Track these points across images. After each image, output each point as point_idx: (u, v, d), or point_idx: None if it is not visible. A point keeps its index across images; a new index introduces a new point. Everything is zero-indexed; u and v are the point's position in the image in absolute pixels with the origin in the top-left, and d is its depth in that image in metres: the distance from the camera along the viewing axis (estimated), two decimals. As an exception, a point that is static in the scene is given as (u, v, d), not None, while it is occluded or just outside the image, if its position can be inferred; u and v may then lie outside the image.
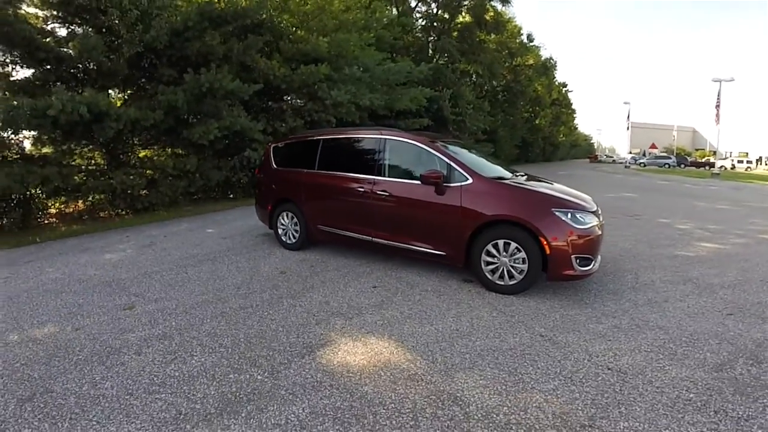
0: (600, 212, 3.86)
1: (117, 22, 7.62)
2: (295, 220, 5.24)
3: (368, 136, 4.57)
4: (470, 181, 3.77)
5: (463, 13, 21.32)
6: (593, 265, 3.48)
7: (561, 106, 42.28)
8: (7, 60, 7.33)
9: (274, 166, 5.60)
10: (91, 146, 10.56)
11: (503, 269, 3.60)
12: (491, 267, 3.65)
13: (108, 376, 2.50)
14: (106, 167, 10.32)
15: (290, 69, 11.74)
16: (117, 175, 9.15)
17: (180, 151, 10.98)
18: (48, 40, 7.42)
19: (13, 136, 7.61)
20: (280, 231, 5.50)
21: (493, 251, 3.61)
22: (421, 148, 4.13)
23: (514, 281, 3.59)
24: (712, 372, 2.34)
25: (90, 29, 7.70)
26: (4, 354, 2.84)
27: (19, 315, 3.55)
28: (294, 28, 12.37)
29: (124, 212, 9.83)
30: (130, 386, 2.38)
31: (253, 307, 3.49)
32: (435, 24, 20.76)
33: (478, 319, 3.14)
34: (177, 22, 8.02)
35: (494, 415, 1.97)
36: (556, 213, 3.42)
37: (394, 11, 18.93)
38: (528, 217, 3.44)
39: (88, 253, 5.93)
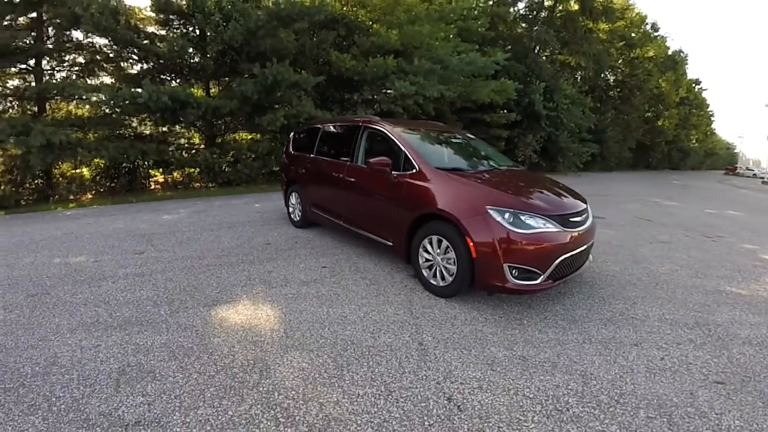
0: (586, 222, 3.40)
1: (203, 25, 9.37)
2: (300, 200, 5.90)
3: (351, 124, 4.90)
4: (415, 170, 3.66)
5: (572, 2, 19.42)
6: (539, 281, 2.98)
7: (691, 106, 34.91)
8: (121, 56, 9.71)
9: (291, 151, 6.35)
10: (192, 129, 13.16)
11: (437, 268, 3.42)
12: (428, 264, 3.50)
13: (85, 291, 3.48)
14: (202, 146, 12.75)
15: (360, 62, 12.54)
16: (202, 153, 11.25)
17: (257, 136, 12.83)
18: (146, 42, 9.57)
19: (126, 117, 10.01)
20: (290, 209, 6.23)
21: (429, 248, 3.46)
22: (387, 135, 4.18)
23: (445, 283, 3.35)
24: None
25: (180, 31, 9.65)
26: (38, 269, 4.10)
27: (73, 248, 4.95)
28: (371, 22, 13.14)
29: (211, 185, 11.99)
30: (89, 299, 3.29)
31: (216, 266, 4.22)
32: (535, 13, 19.41)
33: (379, 313, 3.06)
34: (251, 22, 9.43)
35: (275, 395, 2.18)
36: (491, 211, 3.03)
37: (489, 1, 18.33)
38: (456, 213, 3.17)
39: (155, 213, 7.59)
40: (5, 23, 8.28)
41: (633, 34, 24.01)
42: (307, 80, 10.62)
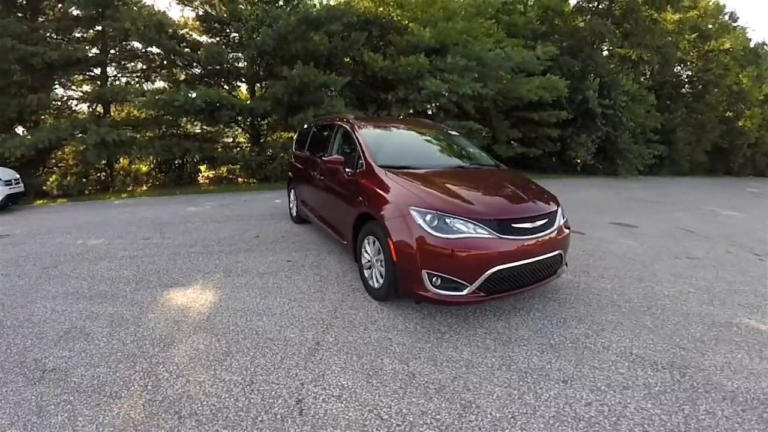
0: (545, 229, 3.06)
1: (239, 32, 10.35)
2: (295, 197, 6.37)
3: (329, 123, 5.18)
4: (363, 168, 3.69)
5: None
6: (464, 292, 2.75)
7: (778, 105, 29.59)
8: (171, 63, 11.08)
9: (293, 150, 6.85)
10: (238, 128, 14.47)
11: (374, 270, 3.36)
12: (368, 265, 3.45)
13: (84, 268, 4.24)
14: (247, 145, 13.99)
15: (394, 61, 12.84)
16: (242, 151, 12.38)
17: (293, 135, 13.75)
18: (187, 49, 10.78)
19: (172, 118, 11.37)
20: (290, 206, 6.74)
21: (368, 248, 3.43)
22: (350, 133, 4.31)
23: (378, 285, 3.26)
24: None
25: (218, 39, 10.72)
26: (61, 248, 5.02)
27: (98, 232, 5.91)
28: (407, 21, 13.39)
29: (252, 181, 13.12)
30: (82, 274, 4.02)
31: (198, 254, 4.81)
32: (593, 4, 18.09)
33: (303, 309, 3.20)
34: (282, 27, 10.20)
35: (159, 367, 2.55)
36: (412, 212, 2.88)
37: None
38: (381, 213, 3.12)
39: (183, 204, 8.60)
40: (75, 36, 9.92)
41: (710, 25, 21.32)
42: (335, 81, 11.17)
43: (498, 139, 16.46)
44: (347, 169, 4.01)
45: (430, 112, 14.28)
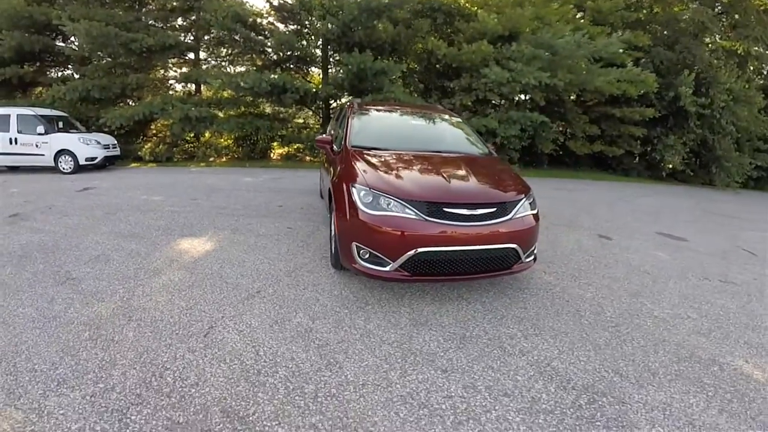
0: (491, 218, 3.00)
1: (308, 21, 11.28)
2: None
3: (346, 106, 5.58)
4: (342, 148, 3.94)
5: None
6: (387, 268, 2.86)
7: None
8: (251, 49, 12.53)
9: (324, 131, 7.49)
10: (310, 110, 15.70)
11: (332, 240, 3.61)
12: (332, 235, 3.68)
13: (134, 216, 5.36)
14: (317, 126, 15.19)
15: (459, 49, 12.78)
16: (308, 132, 13.51)
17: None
18: (260, 37, 12.01)
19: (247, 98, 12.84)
20: (319, 183, 7.42)
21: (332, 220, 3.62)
22: (347, 115, 4.64)
23: (332, 254, 3.60)
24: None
25: (289, 27, 11.78)
26: (127, 200, 6.31)
27: (161, 191, 7.22)
28: (475, 8, 13.16)
29: (316, 159, 14.27)
30: (130, 220, 5.11)
31: (223, 215, 5.66)
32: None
33: (269, 265, 3.75)
34: (345, 16, 10.86)
35: (134, 293, 3.30)
36: (352, 188, 3.08)
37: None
38: (332, 188, 3.46)
39: (244, 175, 9.86)
40: (172, 24, 11.79)
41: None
42: (392, 68, 11.55)
43: (574, 135, 15.37)
44: (334, 148, 4.41)
45: (494, 102, 13.90)
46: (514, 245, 3.05)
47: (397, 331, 2.70)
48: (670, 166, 15.28)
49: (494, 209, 3.04)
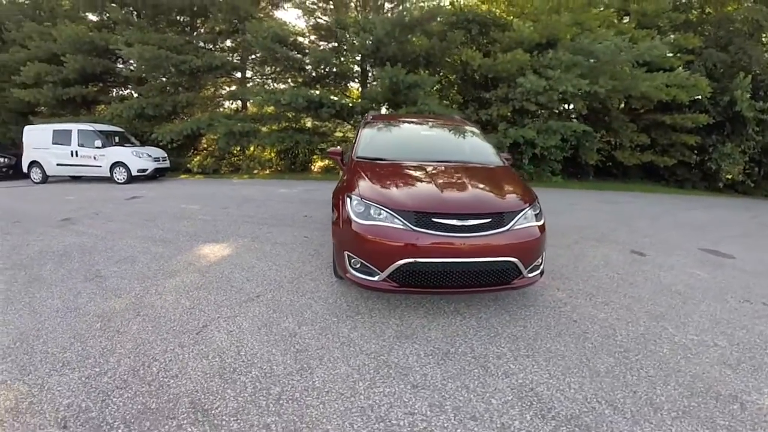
0: (485, 229, 2.87)
1: (344, 38, 11.75)
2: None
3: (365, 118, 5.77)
4: (350, 159, 4.05)
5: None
6: (376, 278, 2.86)
7: None
8: (291, 67, 13.25)
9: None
10: (348, 124, 16.18)
11: None
12: None
13: (168, 222, 5.82)
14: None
15: (493, 59, 12.67)
16: (346, 146, 13.90)
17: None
18: (298, 55, 12.62)
19: (289, 114, 13.52)
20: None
21: None
22: (361, 127, 4.81)
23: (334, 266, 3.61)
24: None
25: (326, 45, 12.31)
26: (165, 209, 6.84)
27: (198, 200, 7.76)
28: (511, 17, 13.00)
29: None
30: (164, 227, 5.55)
31: (249, 223, 5.99)
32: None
33: (275, 272, 3.90)
34: (378, 32, 11.18)
35: (150, 292, 3.58)
36: (347, 198, 3.11)
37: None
38: (333, 199, 3.53)
39: (280, 187, 10.36)
40: (218, 46, 12.80)
41: None
42: (425, 80, 11.66)
43: (621, 145, 14.52)
44: (344, 159, 4.54)
45: (532, 111, 13.52)
46: (512, 258, 2.89)
47: (379, 341, 2.68)
48: (729, 176, 13.94)
49: (488, 220, 2.91)
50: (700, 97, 12.34)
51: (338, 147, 4.79)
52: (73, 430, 1.85)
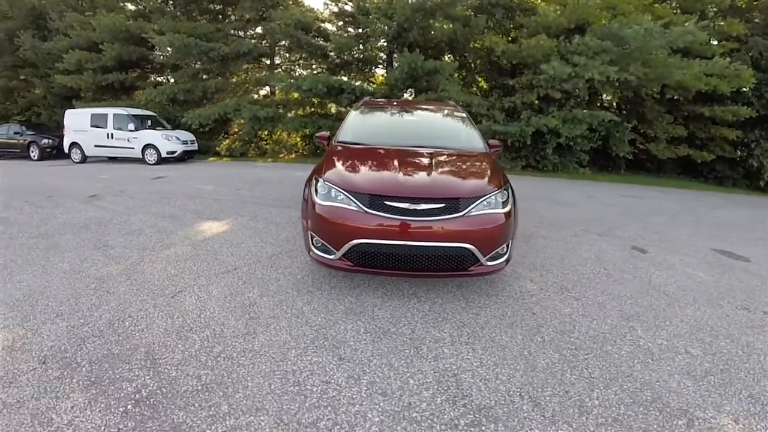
0: (443, 213, 2.88)
1: (366, 24, 11.85)
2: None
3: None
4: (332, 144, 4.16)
5: None
6: (332, 257, 3.03)
7: None
8: (314, 54, 13.57)
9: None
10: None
11: None
12: None
13: (181, 201, 6.34)
14: None
15: (518, 45, 12.32)
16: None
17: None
18: (321, 42, 12.84)
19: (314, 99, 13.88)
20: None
21: None
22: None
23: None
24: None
25: (348, 32, 12.45)
26: (181, 188, 7.40)
27: (215, 181, 8.29)
28: (538, 1, 12.53)
29: None
30: (175, 204, 6.07)
31: (254, 204, 6.39)
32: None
33: (261, 248, 4.21)
34: (399, 18, 11.17)
35: (139, 267, 4.01)
36: (314, 180, 3.30)
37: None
38: (308, 181, 3.50)
39: (296, 170, 10.76)
40: (248, 34, 13.28)
41: None
42: (445, 66, 11.58)
43: (655, 137, 13.74)
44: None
45: (558, 99, 13.05)
46: (467, 245, 2.89)
47: (327, 316, 2.87)
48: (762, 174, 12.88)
49: (441, 205, 2.91)
50: (744, 88, 11.41)
51: (326, 132, 4.95)
52: (50, 365, 2.25)
